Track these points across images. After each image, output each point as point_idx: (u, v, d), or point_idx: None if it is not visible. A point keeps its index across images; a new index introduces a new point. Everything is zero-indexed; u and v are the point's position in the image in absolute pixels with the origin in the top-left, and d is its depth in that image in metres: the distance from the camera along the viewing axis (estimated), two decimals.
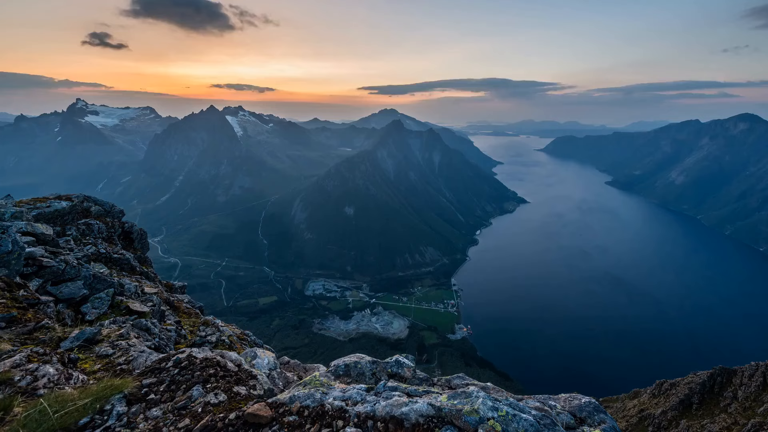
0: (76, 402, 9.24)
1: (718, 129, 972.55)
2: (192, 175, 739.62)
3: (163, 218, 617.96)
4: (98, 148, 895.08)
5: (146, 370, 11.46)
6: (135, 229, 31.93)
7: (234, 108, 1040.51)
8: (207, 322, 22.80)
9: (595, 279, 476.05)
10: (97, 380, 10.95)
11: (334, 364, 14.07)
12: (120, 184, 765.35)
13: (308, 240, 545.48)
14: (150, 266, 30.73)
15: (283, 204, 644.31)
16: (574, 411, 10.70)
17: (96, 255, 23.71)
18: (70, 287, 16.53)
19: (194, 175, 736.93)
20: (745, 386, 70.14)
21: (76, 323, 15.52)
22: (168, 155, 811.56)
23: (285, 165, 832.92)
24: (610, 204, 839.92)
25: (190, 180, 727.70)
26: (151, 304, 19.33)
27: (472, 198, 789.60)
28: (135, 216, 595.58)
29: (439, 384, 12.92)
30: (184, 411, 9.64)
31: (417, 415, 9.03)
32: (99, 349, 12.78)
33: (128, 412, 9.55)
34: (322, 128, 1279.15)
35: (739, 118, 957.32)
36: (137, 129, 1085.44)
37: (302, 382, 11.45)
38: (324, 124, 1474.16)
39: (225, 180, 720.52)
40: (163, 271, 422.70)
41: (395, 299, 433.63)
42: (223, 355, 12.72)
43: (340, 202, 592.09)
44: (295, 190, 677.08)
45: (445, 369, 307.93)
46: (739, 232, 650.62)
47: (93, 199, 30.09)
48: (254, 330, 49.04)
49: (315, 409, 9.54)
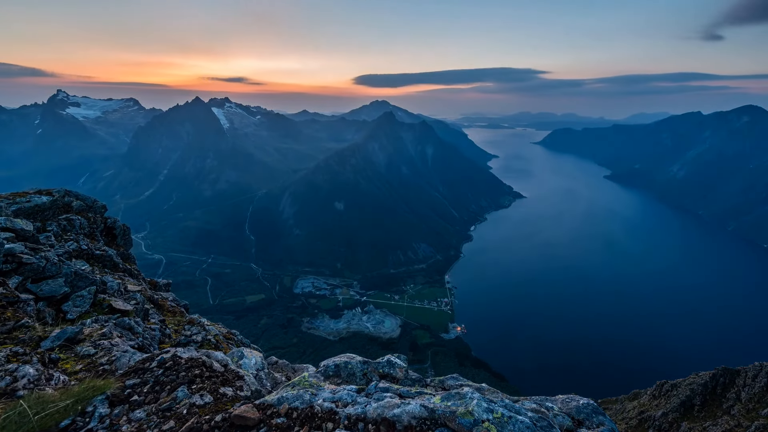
0: (57, 403, 9.16)
1: (720, 121, 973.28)
2: (177, 169, 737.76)
3: (147, 213, 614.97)
4: (80, 141, 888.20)
5: (129, 370, 11.38)
6: (118, 225, 31.78)
7: (220, 100, 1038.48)
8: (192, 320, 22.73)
9: (593, 276, 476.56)
10: (79, 381, 10.85)
11: (323, 364, 14.09)
12: (102, 179, 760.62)
13: (297, 236, 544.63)
14: (133, 263, 30.59)
15: (271, 199, 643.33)
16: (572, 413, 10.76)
17: (77, 251, 23.61)
18: (50, 285, 16.44)
19: (179, 169, 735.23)
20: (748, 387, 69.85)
21: (57, 322, 15.42)
22: (152, 148, 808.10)
23: (273, 158, 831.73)
24: (608, 199, 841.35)
25: (174, 174, 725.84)
26: (134, 302, 19.29)
27: (467, 193, 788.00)
28: (118, 211, 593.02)
29: (433, 385, 12.96)
30: (169, 413, 9.54)
31: (409, 417, 8.97)
32: (81, 348, 12.68)
33: (111, 414, 9.46)
34: (311, 120, 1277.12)
35: (741, 110, 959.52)
36: (120, 121, 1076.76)
37: (291, 383, 11.42)
38: (313, 116, 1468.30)
39: (211, 174, 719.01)
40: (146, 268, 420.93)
41: (387, 297, 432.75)
42: (209, 355, 12.69)
43: (329, 197, 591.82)
44: (284, 184, 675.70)
45: (438, 369, 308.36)
46: (742, 227, 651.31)
47: (74, 193, 29.89)
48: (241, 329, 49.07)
49: (304, 410, 9.47)
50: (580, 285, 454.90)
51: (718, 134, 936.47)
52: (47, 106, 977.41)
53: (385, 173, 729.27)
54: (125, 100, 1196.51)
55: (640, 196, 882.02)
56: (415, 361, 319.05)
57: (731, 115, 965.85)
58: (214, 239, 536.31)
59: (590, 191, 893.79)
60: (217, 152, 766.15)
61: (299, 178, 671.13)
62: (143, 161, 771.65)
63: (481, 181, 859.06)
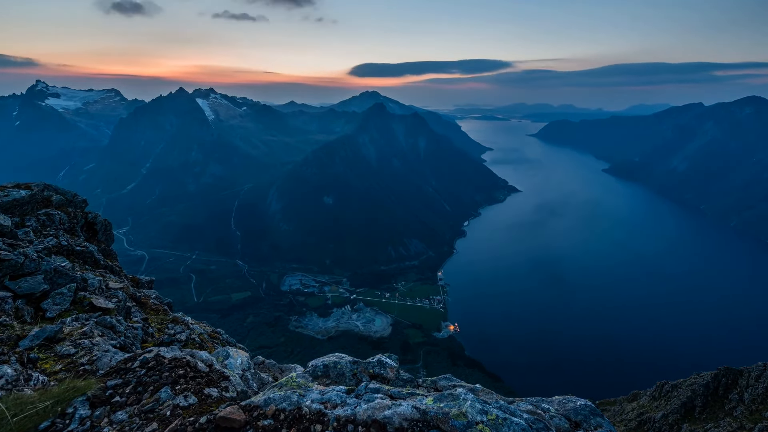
0: (36, 405, 9.12)
1: (722, 113, 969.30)
2: (160, 162, 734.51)
3: (129, 208, 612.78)
4: (60, 133, 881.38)
5: (111, 370, 11.35)
6: (99, 220, 31.66)
7: (205, 90, 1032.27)
8: (176, 319, 22.68)
9: (591, 273, 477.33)
10: (59, 381, 10.84)
11: (311, 364, 14.02)
12: (83, 172, 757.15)
13: (284, 231, 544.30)
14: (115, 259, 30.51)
15: (258, 193, 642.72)
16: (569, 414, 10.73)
17: (57, 247, 23.53)
18: (29, 282, 16.41)
19: (162, 162, 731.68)
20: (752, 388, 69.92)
21: (36, 320, 15.39)
22: (134, 141, 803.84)
23: (259, 151, 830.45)
24: (607, 193, 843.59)
25: (157, 167, 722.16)
26: (116, 300, 19.21)
27: (460, 186, 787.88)
28: (99, 206, 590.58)
29: (425, 385, 12.91)
30: (152, 414, 9.53)
31: (401, 418, 8.91)
32: (60, 348, 12.68)
33: (92, 416, 9.44)
34: (299, 112, 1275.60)
35: (745, 101, 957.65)
36: (101, 113, 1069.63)
37: (278, 384, 11.36)
38: (301, 107, 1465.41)
39: (195, 167, 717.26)
40: (128, 264, 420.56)
41: (377, 295, 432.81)
42: (194, 355, 12.67)
43: (318, 191, 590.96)
44: (271, 178, 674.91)
45: (430, 369, 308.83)
46: (745, 223, 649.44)
47: (54, 187, 29.78)
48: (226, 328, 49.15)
49: (291, 412, 9.39)
50: (578, 282, 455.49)
51: (721, 126, 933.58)
52: (26, 97, 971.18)
53: (375, 166, 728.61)
54: (107, 91, 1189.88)
55: (639, 190, 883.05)
56: (406, 361, 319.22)
57: (734, 107, 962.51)
58: (198, 235, 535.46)
59: (588, 185, 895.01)
60: (202, 145, 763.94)
61: (287, 171, 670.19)
62: (125, 154, 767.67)
63: (475, 174, 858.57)
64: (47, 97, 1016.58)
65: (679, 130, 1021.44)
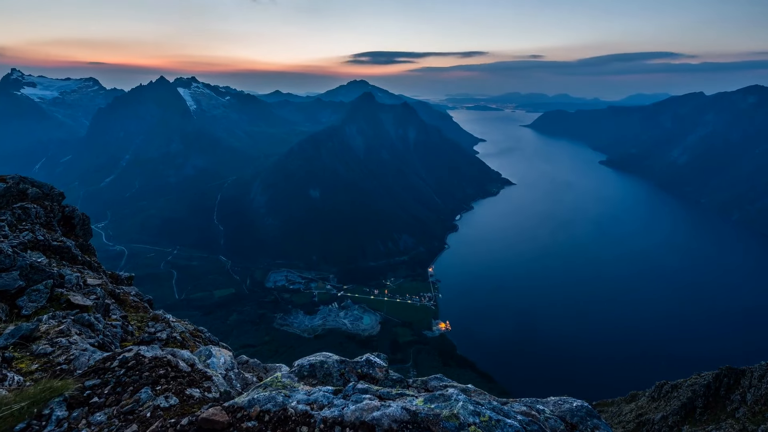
0: (11, 406, 9.02)
1: (724, 103, 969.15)
2: (140, 154, 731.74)
3: (108, 202, 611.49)
4: (36, 124, 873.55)
5: (89, 370, 11.25)
6: (76, 214, 31.56)
7: (186, 79, 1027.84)
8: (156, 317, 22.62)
9: (587, 269, 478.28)
10: (35, 382, 10.75)
11: (297, 363, 14.02)
12: (60, 164, 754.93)
13: (269, 226, 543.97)
14: (93, 255, 30.41)
15: (241, 186, 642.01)
16: (565, 416, 10.77)
17: (33, 242, 23.46)
18: (4, 278, 16.37)
19: (142, 154, 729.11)
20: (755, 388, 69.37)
21: (11, 318, 15.36)
22: (113, 131, 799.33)
23: (243, 143, 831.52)
24: (604, 186, 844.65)
25: (137, 159, 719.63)
26: (94, 297, 19.16)
27: (452, 179, 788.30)
28: (76, 199, 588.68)
29: (415, 386, 12.91)
30: (132, 416, 9.45)
31: (390, 420, 8.88)
32: (36, 347, 12.60)
33: (69, 417, 9.37)
34: (284, 102, 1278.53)
35: (747, 91, 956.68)
36: (79, 102, 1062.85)
37: (263, 384, 11.34)
38: (286, 97, 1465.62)
39: (176, 159, 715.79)
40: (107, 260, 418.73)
41: (366, 292, 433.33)
42: (175, 354, 12.60)
43: (304, 184, 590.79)
44: (255, 170, 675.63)
45: (421, 369, 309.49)
46: (747, 217, 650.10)
47: (30, 180, 29.69)
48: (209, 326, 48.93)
49: (277, 413, 9.35)
50: (574, 278, 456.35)
51: (722, 117, 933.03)
52: (0, 86, 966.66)
53: (363, 158, 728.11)
54: (84, 80, 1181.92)
55: (637, 183, 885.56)
56: (396, 361, 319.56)
57: (736, 96, 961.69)
58: (179, 229, 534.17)
59: (584, 178, 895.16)
60: (183, 135, 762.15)
61: (271, 163, 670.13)
62: (104, 145, 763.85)
63: (467, 166, 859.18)
64: (23, 86, 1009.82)
65: (679, 120, 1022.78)
